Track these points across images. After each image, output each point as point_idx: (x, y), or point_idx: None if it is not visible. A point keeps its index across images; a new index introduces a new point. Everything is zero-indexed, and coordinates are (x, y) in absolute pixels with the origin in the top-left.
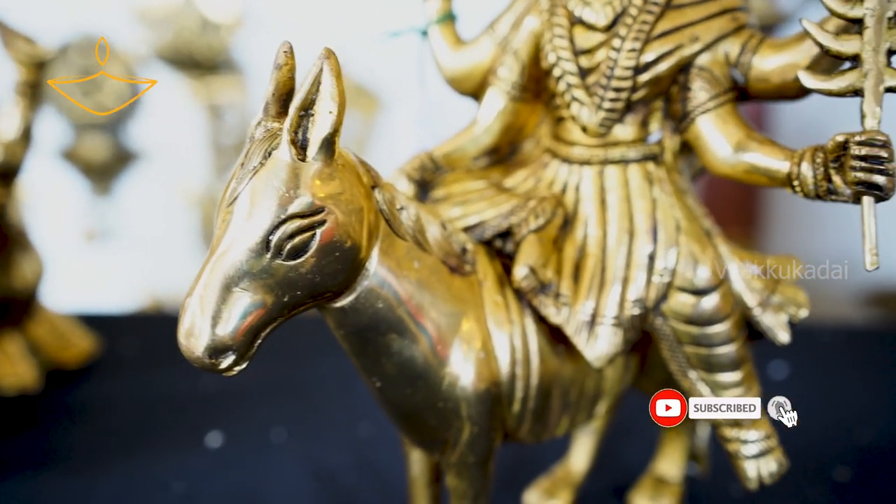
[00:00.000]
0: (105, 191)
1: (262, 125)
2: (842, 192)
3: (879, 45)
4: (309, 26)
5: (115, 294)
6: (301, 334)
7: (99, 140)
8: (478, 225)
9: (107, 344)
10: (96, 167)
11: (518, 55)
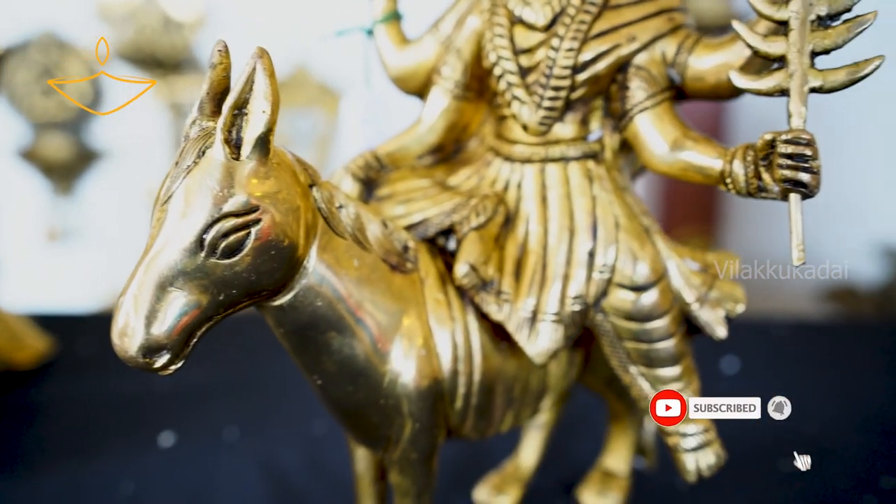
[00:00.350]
0: (67, 190)
1: (197, 124)
2: (771, 190)
3: (803, 46)
4: (272, 24)
5: (75, 294)
6: (256, 332)
7: (60, 140)
8: (421, 223)
9: (64, 344)
10: (57, 167)
11: (461, 54)
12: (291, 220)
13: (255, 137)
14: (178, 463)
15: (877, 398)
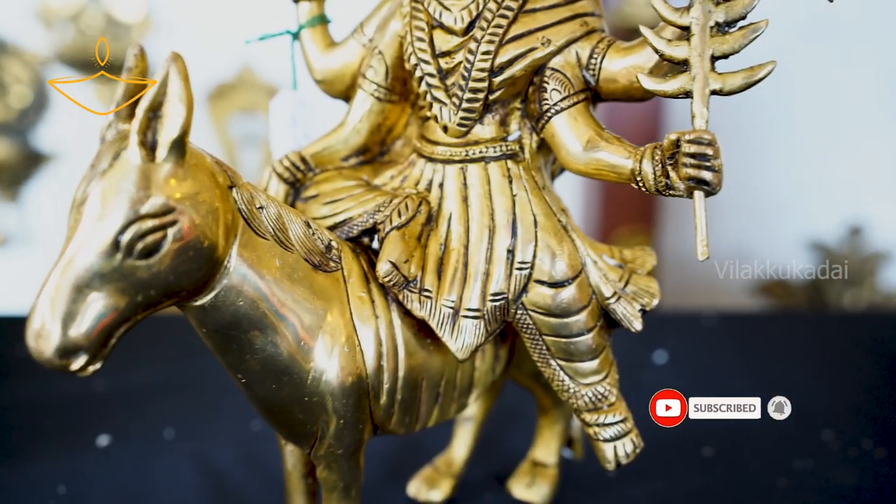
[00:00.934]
0: (13, 195)
1: (114, 127)
2: (677, 188)
3: (704, 51)
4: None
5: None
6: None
7: (4, 143)
8: (345, 222)
9: (3, 347)
10: (2, 171)
11: (384, 57)
12: (210, 221)
13: (171, 140)
14: (114, 464)
15: (794, 384)
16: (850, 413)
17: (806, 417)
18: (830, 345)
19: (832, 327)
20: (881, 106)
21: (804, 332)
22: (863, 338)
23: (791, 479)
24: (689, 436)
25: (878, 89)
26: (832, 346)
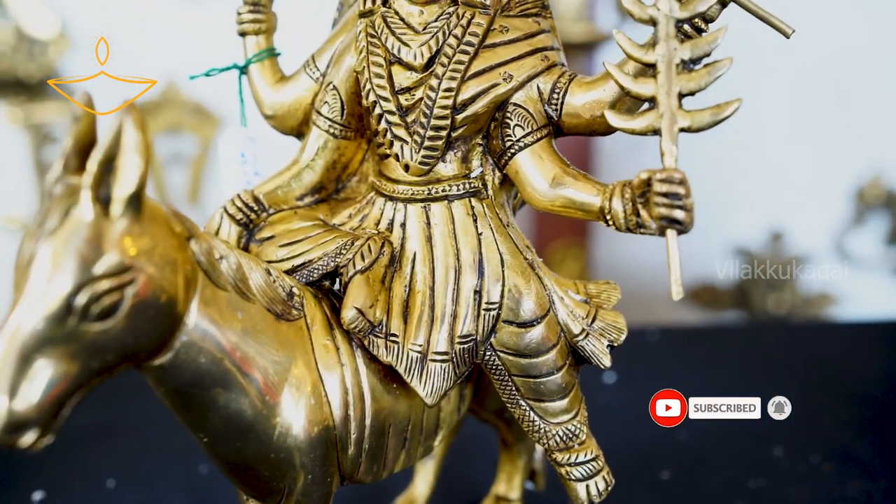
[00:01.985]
0: None
1: (62, 181)
2: (648, 226)
3: (671, 88)
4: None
5: None
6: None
7: None
8: (304, 265)
9: None
10: None
11: (338, 93)
12: (169, 277)
13: (127, 195)
14: None
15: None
16: (797, 427)
17: (758, 434)
18: (771, 356)
19: (770, 337)
20: (798, 119)
21: (745, 343)
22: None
23: (748, 499)
24: (646, 460)
25: (795, 105)
26: (773, 357)
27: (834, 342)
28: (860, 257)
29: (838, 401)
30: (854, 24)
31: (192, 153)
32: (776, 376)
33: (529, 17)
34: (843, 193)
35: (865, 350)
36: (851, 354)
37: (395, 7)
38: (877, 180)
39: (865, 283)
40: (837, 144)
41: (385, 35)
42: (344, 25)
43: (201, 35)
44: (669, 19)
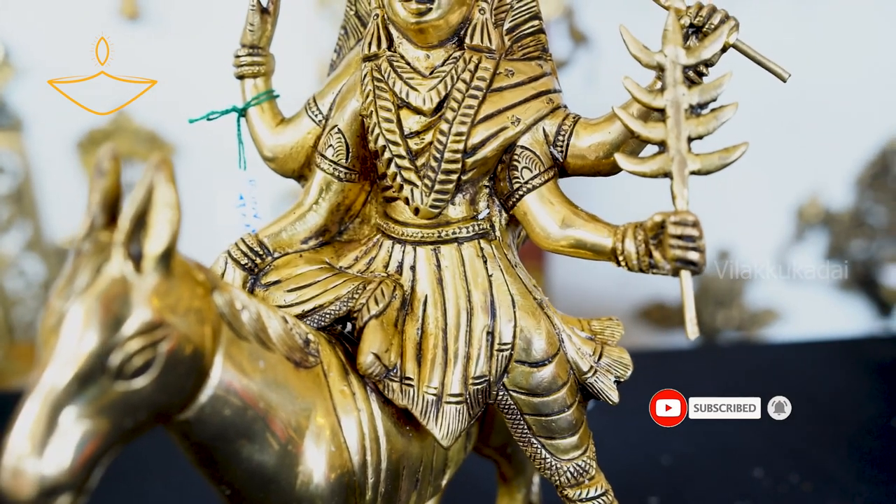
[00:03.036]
0: None
1: (90, 238)
2: (662, 267)
3: (680, 133)
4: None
5: None
6: None
7: None
8: (315, 310)
9: None
10: None
11: (343, 136)
12: (198, 331)
13: (160, 251)
14: None
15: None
16: (774, 447)
17: (737, 456)
18: (733, 377)
19: (728, 358)
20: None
21: (706, 364)
22: (758, 367)
23: None
24: (634, 487)
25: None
26: (735, 377)
27: (791, 361)
28: (801, 273)
29: (808, 419)
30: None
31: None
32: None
33: (532, 60)
34: (784, 213)
35: (823, 368)
36: (810, 372)
37: (401, 51)
38: (815, 200)
39: (807, 297)
40: (779, 167)
41: (392, 79)
42: (346, 68)
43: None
44: (676, 65)
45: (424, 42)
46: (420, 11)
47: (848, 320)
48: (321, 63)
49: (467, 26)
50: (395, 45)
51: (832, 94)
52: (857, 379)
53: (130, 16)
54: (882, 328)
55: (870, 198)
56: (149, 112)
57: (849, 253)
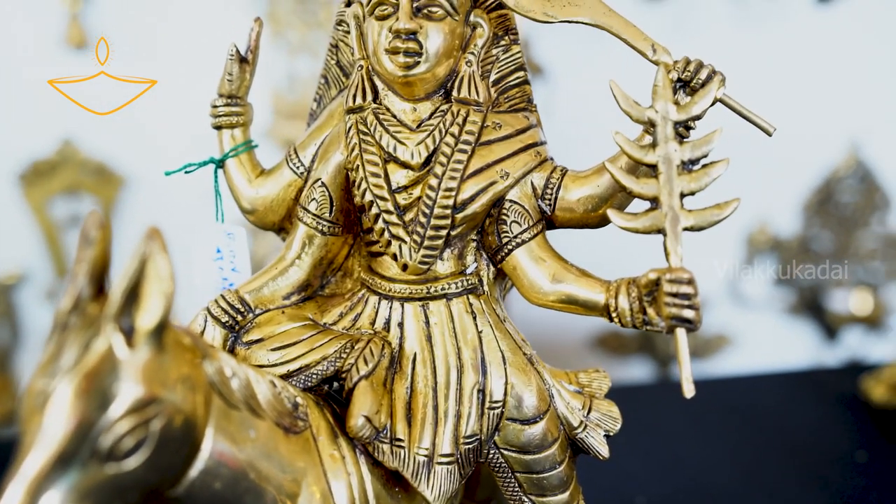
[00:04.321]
0: None
1: (77, 311)
2: (656, 324)
3: (673, 188)
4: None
5: None
6: None
7: None
8: (301, 370)
9: None
10: None
11: (327, 190)
12: (191, 406)
13: (153, 325)
14: None
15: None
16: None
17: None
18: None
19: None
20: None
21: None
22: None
23: None
24: None
25: None
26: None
27: (750, 393)
28: (752, 299)
29: (775, 452)
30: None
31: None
32: (708, 432)
33: (519, 111)
34: (734, 239)
35: (783, 400)
36: (772, 405)
37: (387, 104)
38: (764, 227)
39: (757, 322)
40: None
41: (379, 132)
42: (328, 119)
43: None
44: (667, 121)
45: (411, 95)
46: (408, 65)
47: (798, 344)
48: (275, 93)
49: (454, 79)
50: (380, 97)
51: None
52: (819, 411)
53: (77, 44)
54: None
55: (816, 224)
56: (96, 142)
57: (797, 278)
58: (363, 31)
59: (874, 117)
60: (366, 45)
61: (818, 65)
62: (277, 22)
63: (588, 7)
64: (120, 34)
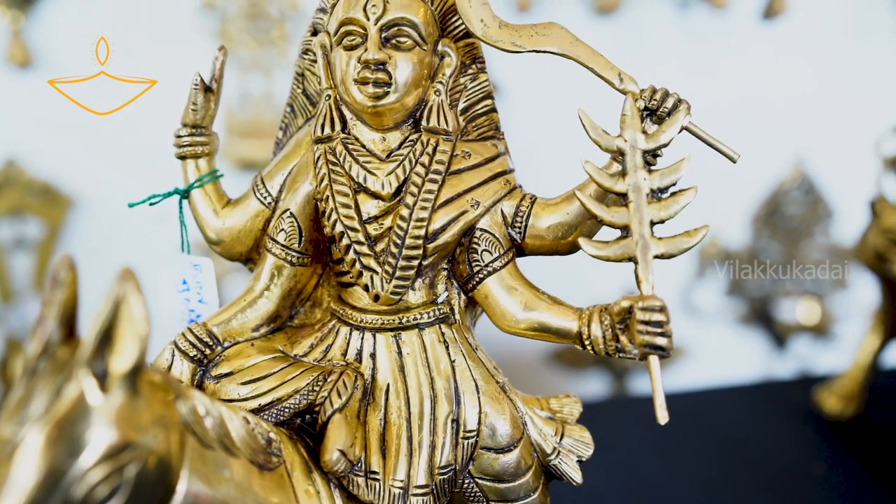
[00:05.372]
0: None
1: (46, 356)
2: (629, 351)
3: (643, 217)
4: None
5: None
6: None
7: None
8: (273, 403)
9: None
10: None
11: (296, 220)
12: (165, 448)
13: (127, 368)
14: None
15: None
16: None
17: None
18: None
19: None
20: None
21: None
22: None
23: None
24: None
25: None
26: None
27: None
28: (704, 310)
29: (733, 466)
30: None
31: (38, 237)
32: (666, 446)
33: (487, 139)
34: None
35: (740, 413)
36: (729, 419)
37: (356, 133)
38: (714, 239)
39: (710, 333)
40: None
41: (348, 163)
42: (295, 148)
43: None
44: (636, 150)
45: (380, 124)
46: (377, 95)
47: (750, 354)
48: (228, 111)
49: (423, 108)
50: (348, 127)
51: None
52: (774, 424)
53: (20, 63)
54: (787, 367)
55: (765, 235)
56: (42, 162)
57: (747, 289)
58: (330, 61)
59: (817, 131)
60: (333, 74)
61: (764, 80)
62: (229, 40)
63: (555, 37)
64: (66, 52)
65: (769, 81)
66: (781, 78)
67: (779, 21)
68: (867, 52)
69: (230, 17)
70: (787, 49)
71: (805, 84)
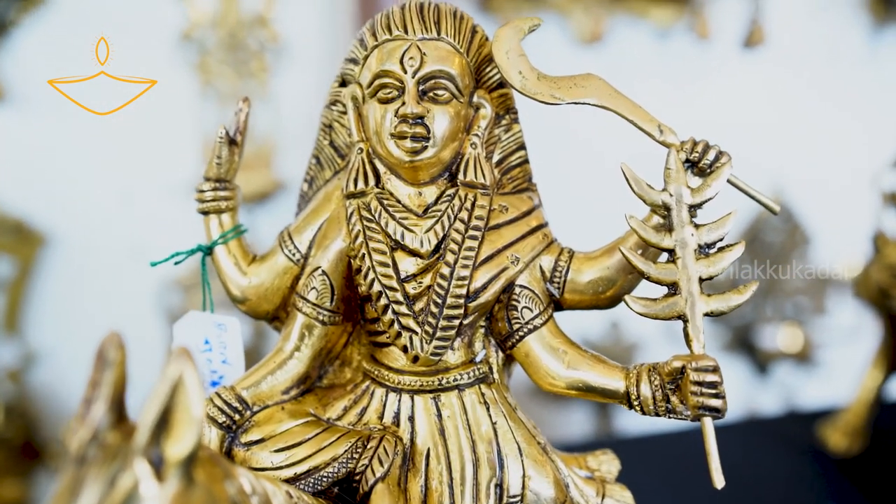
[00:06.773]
0: None
1: (96, 442)
2: (681, 412)
3: (691, 274)
4: None
5: None
6: None
7: None
8: (310, 472)
9: None
10: None
11: (328, 279)
12: None
13: (185, 455)
14: None
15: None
16: None
17: None
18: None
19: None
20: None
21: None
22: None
23: None
24: None
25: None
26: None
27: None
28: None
29: None
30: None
31: (9, 276)
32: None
33: (522, 192)
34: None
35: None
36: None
37: (390, 188)
38: None
39: None
40: None
41: (385, 219)
42: (324, 202)
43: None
44: (682, 205)
45: (416, 179)
46: (416, 150)
47: (733, 382)
48: (206, 143)
49: (459, 161)
50: (382, 181)
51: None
52: (774, 462)
53: None
54: (776, 398)
55: (746, 262)
56: (14, 199)
57: (729, 316)
58: (362, 113)
59: (795, 159)
60: (366, 127)
61: (744, 108)
62: (208, 72)
63: (594, 89)
64: (39, 86)
65: (749, 110)
66: (761, 106)
67: (759, 51)
68: (844, 81)
69: (209, 49)
70: (766, 78)
71: (784, 113)
